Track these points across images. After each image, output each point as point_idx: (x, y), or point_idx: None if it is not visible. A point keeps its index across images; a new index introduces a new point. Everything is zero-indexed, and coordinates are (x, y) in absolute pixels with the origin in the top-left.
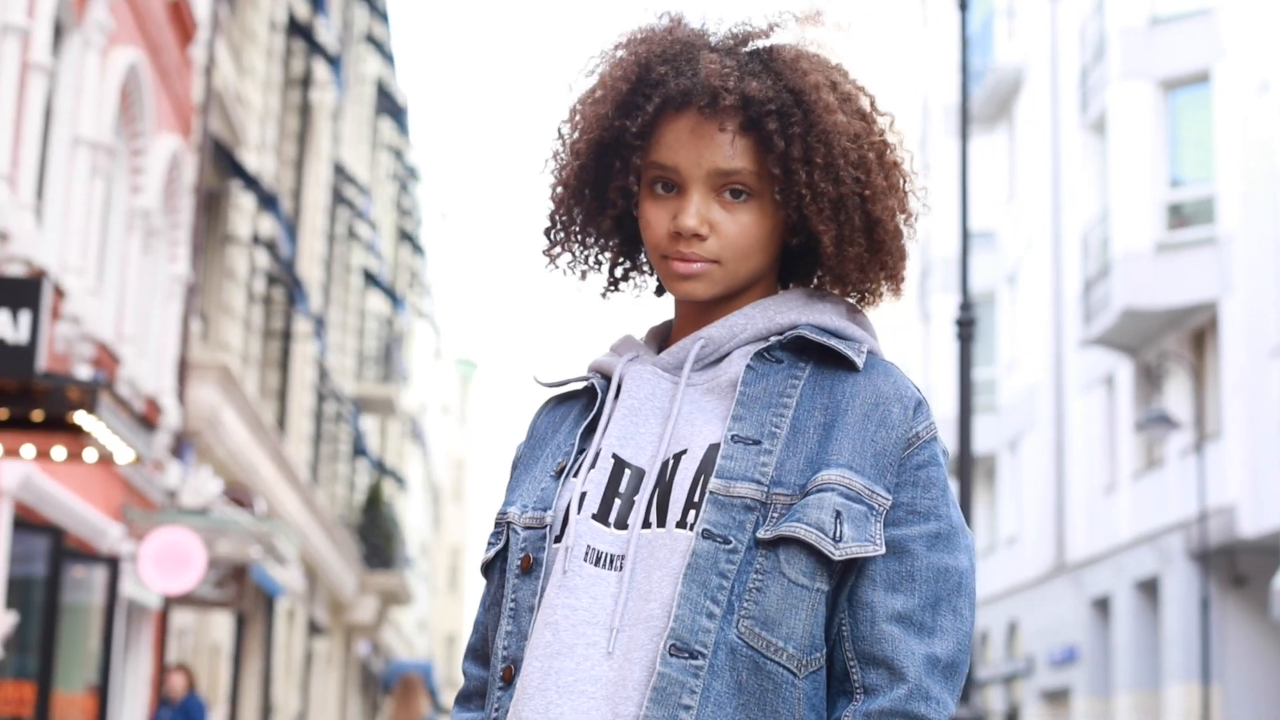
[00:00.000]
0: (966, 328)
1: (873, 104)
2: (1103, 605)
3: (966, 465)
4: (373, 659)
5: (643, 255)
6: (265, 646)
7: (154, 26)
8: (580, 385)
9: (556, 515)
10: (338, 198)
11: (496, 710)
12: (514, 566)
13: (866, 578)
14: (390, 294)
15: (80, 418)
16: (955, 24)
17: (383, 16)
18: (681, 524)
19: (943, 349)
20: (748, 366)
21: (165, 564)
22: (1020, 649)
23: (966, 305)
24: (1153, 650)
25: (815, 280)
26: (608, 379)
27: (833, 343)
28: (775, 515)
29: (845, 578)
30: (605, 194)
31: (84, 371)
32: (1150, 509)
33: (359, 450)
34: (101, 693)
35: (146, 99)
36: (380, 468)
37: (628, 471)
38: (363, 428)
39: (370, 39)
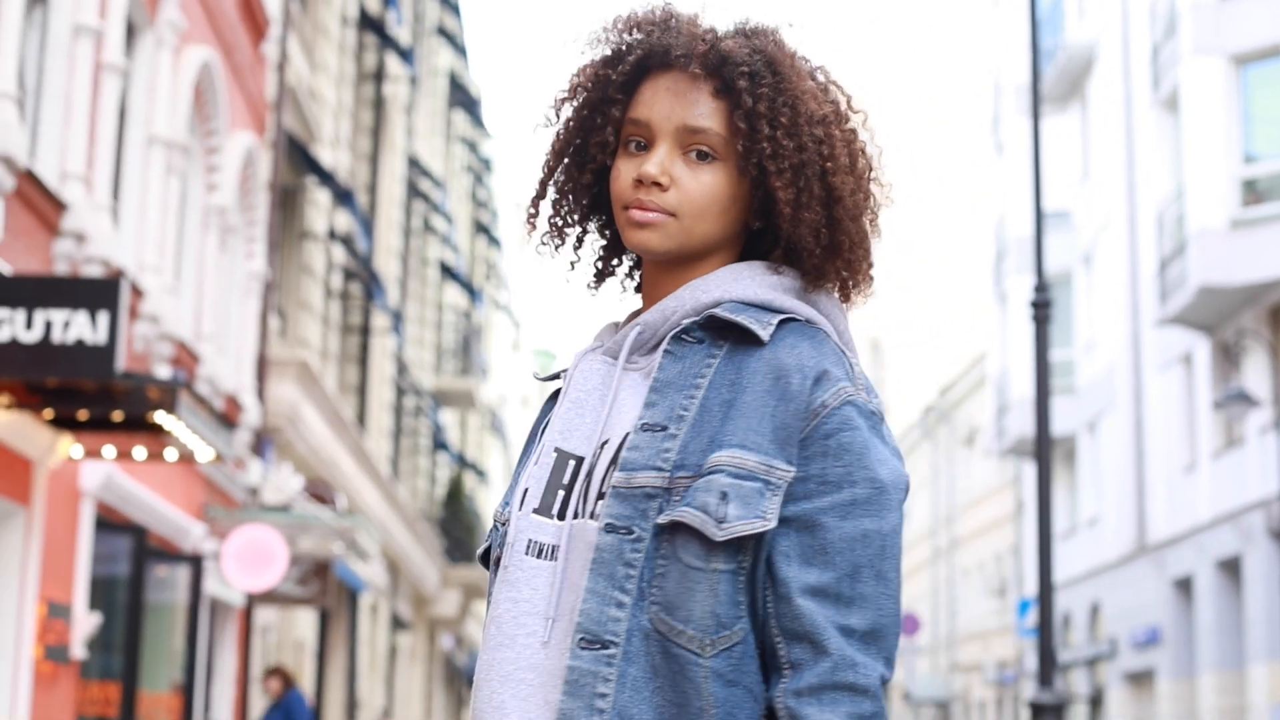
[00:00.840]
0: (1042, 309)
1: (849, 102)
2: (1185, 586)
3: (1045, 447)
4: (456, 653)
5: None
6: (349, 642)
7: (226, 24)
8: None
9: (511, 511)
10: (413, 191)
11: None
12: (493, 564)
13: (781, 554)
14: (467, 287)
15: (160, 417)
16: (1026, 3)
17: (454, 9)
18: (594, 515)
19: (1020, 331)
20: (665, 350)
21: (248, 562)
22: (1103, 631)
23: (1042, 286)
24: (1236, 630)
25: (773, 259)
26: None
27: (740, 318)
28: (676, 500)
29: (759, 554)
30: (587, 150)
31: (163, 371)
32: (1231, 487)
33: (439, 444)
34: (186, 691)
35: (220, 97)
36: (461, 461)
37: (571, 462)
38: (442, 421)
39: (442, 31)
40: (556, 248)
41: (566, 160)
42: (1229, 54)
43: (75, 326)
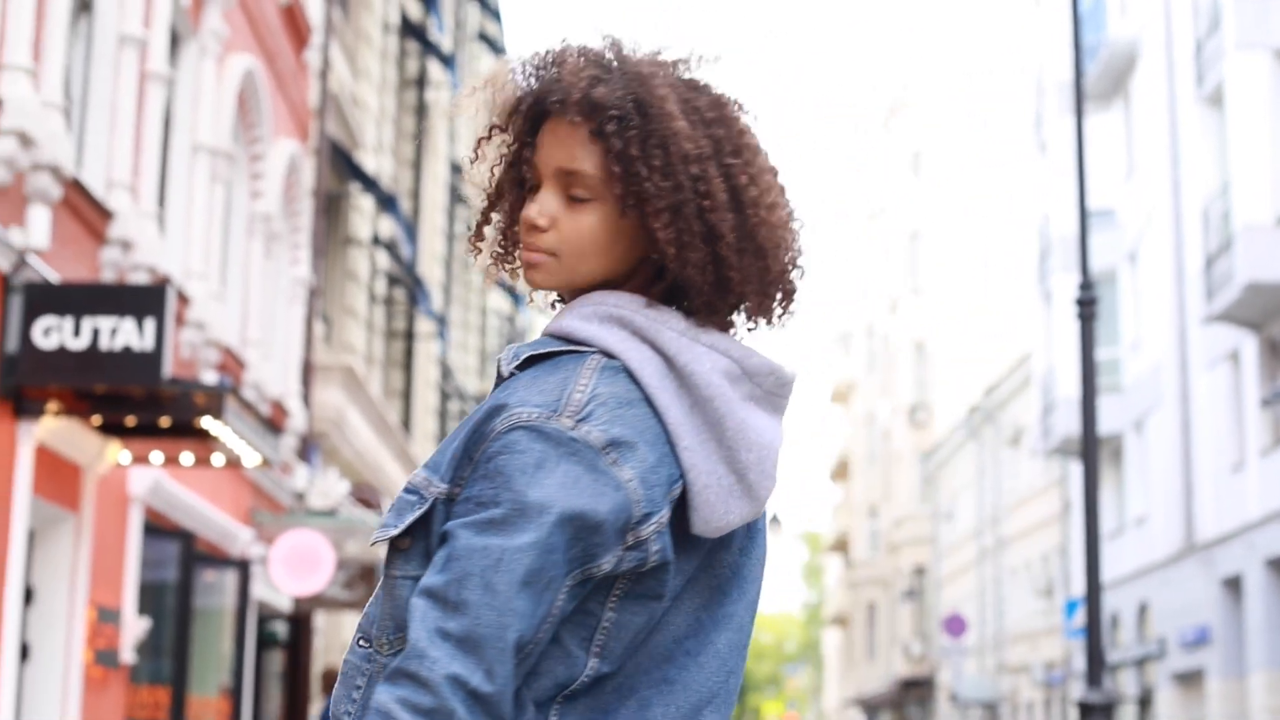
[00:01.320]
0: (1088, 306)
1: (740, 135)
2: (1234, 584)
3: (1091, 446)
4: None
5: None
6: None
7: (268, 33)
8: None
9: None
10: (456, 196)
11: None
12: None
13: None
14: (511, 291)
15: (207, 423)
16: (1067, 1)
17: (494, 14)
18: None
19: (1065, 330)
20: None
21: (295, 566)
22: (1151, 631)
23: (1087, 284)
24: None
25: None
26: None
27: (502, 355)
28: None
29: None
30: (508, 187)
31: (210, 377)
32: None
33: None
34: (235, 695)
35: (263, 104)
36: None
37: None
38: None
39: (483, 37)
40: (506, 272)
41: (497, 195)
42: (1273, 48)
43: (123, 333)
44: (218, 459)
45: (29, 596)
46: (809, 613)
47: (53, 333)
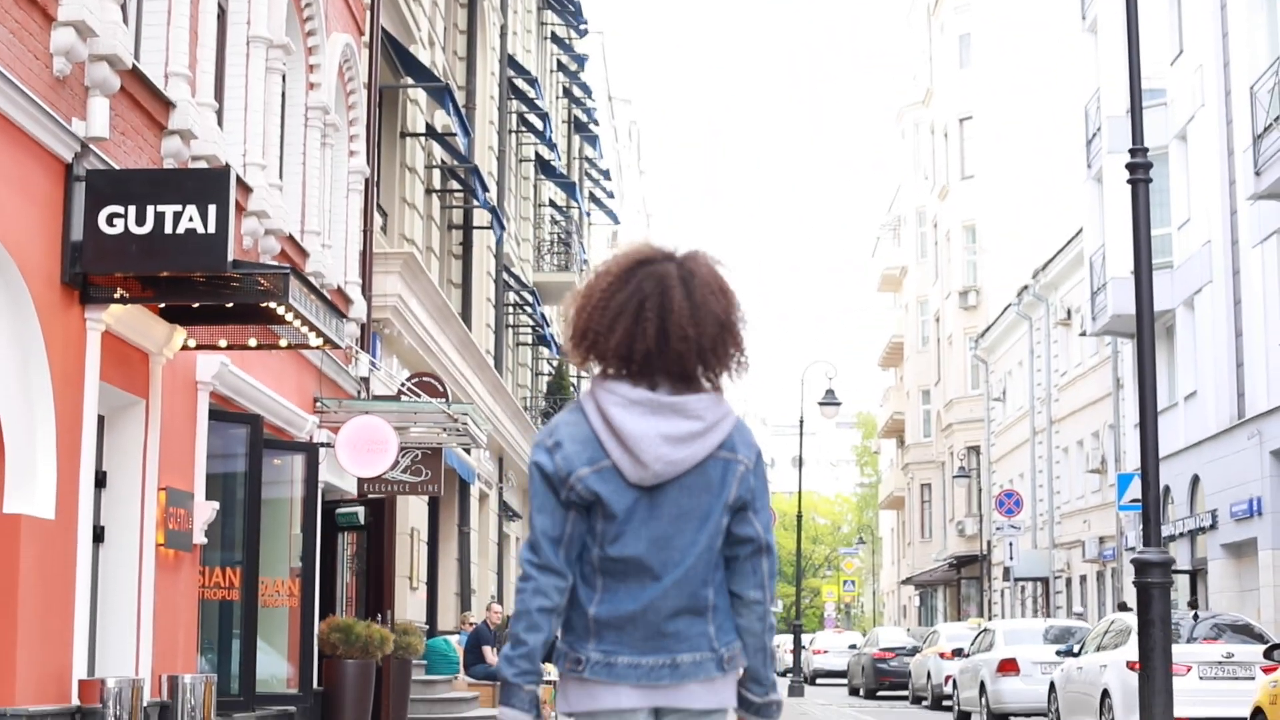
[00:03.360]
0: (1141, 170)
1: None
2: None
3: (1146, 301)
4: None
5: None
6: (461, 530)
7: None
8: None
9: None
10: (508, 89)
11: None
12: None
13: None
14: (565, 182)
15: (272, 305)
16: None
17: None
18: None
19: (1115, 208)
20: None
21: (360, 449)
22: (1202, 504)
23: (1139, 148)
24: None
25: None
26: None
27: None
28: None
29: None
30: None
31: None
32: None
33: (541, 338)
34: (305, 577)
35: None
36: (564, 353)
37: None
38: (545, 316)
39: None
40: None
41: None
42: None
43: (186, 218)
44: (283, 342)
45: (101, 481)
46: (864, 496)
47: (117, 220)
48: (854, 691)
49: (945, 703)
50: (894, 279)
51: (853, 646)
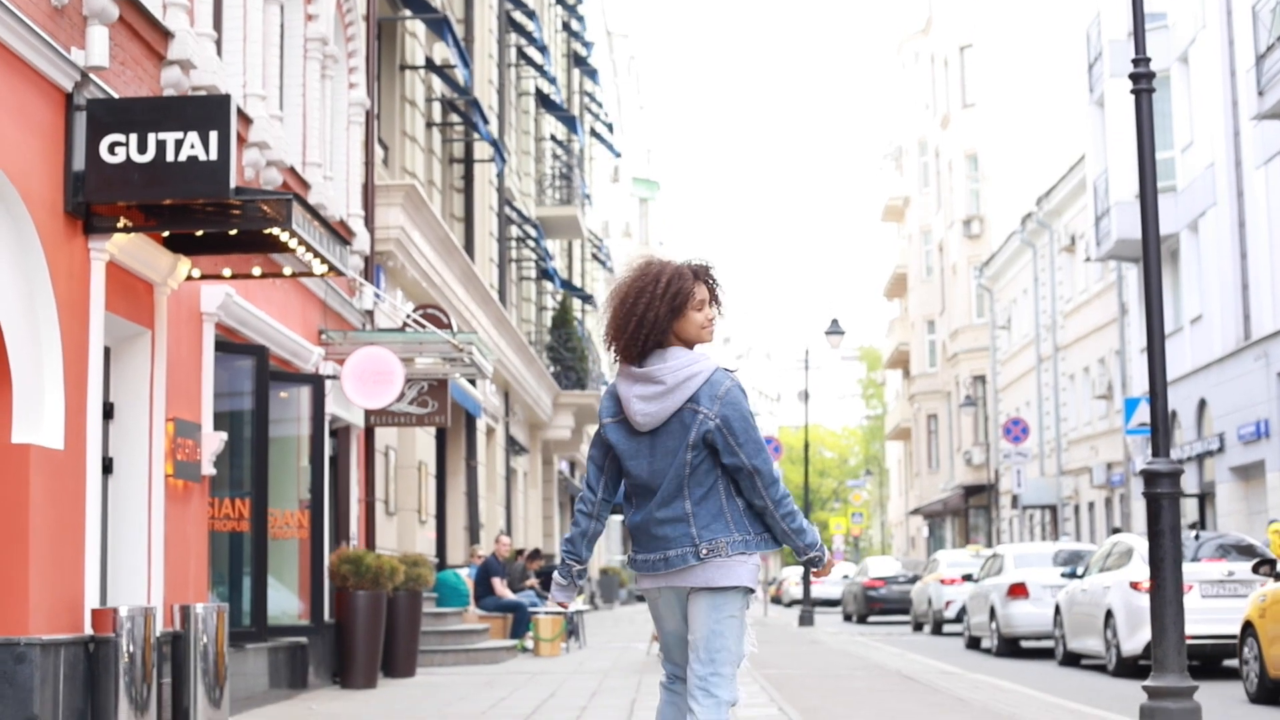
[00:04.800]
0: (1144, 80)
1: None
2: None
3: (1151, 217)
4: (571, 477)
5: None
6: (468, 464)
7: None
8: None
9: None
10: (506, 22)
11: None
12: None
13: None
14: (565, 116)
15: (275, 231)
16: None
17: None
18: None
19: (1118, 133)
20: None
21: (366, 380)
22: (1210, 427)
23: (1141, 58)
24: None
25: None
26: None
27: None
28: None
29: None
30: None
31: None
32: None
33: (545, 273)
34: (314, 509)
35: None
36: (568, 286)
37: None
38: (548, 250)
39: None
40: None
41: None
42: None
43: (187, 146)
44: (287, 270)
45: (109, 412)
46: (870, 428)
47: (118, 149)
48: (847, 618)
49: (945, 628)
50: (897, 209)
51: (845, 576)
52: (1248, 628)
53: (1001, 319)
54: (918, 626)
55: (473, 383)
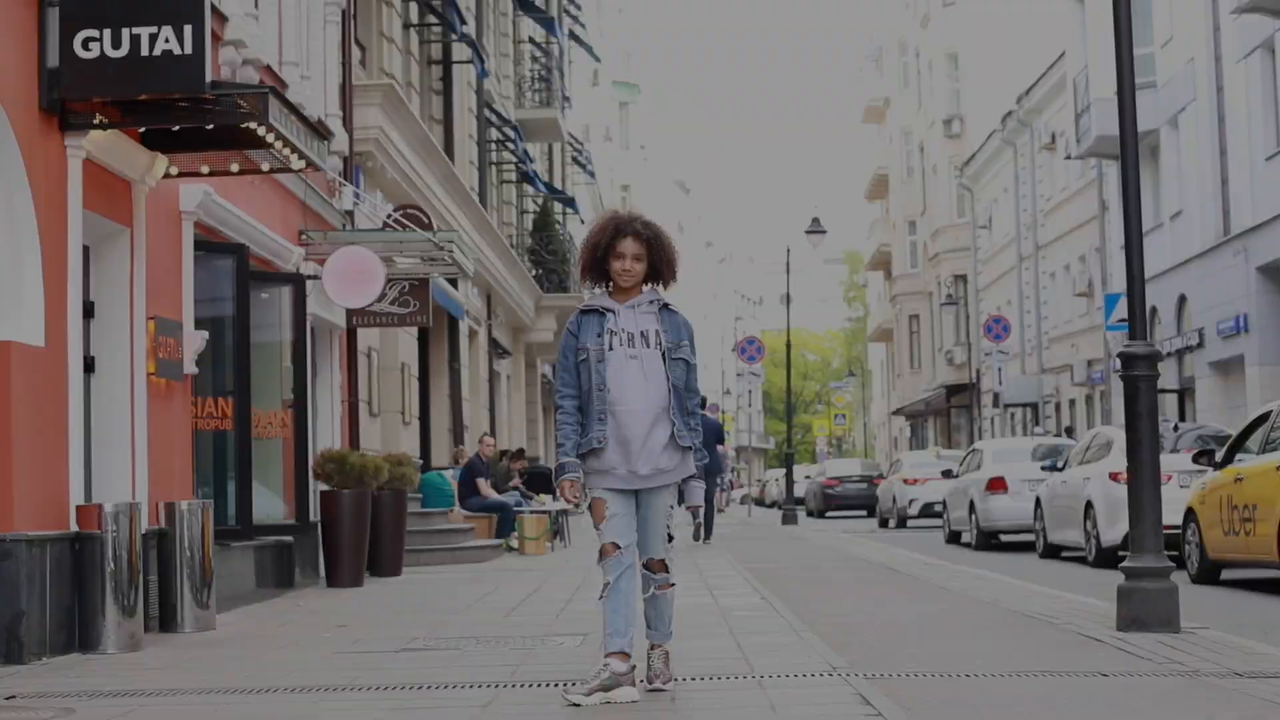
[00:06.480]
0: None
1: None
2: (1271, 272)
3: (1129, 106)
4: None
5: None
6: (451, 367)
7: None
8: None
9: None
10: None
11: None
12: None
13: None
14: (543, 18)
15: (252, 125)
16: None
17: None
18: None
19: (1098, 29)
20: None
21: (348, 279)
22: (1189, 323)
23: None
24: None
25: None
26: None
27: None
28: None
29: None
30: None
31: None
32: None
33: (525, 176)
34: (297, 408)
35: None
36: (550, 189)
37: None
38: (528, 153)
39: None
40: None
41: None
42: None
43: (162, 39)
44: (265, 166)
45: (90, 311)
46: (852, 330)
47: (92, 44)
48: (809, 513)
49: (909, 523)
50: (877, 110)
51: (807, 476)
52: (1190, 514)
53: (982, 218)
54: (883, 523)
55: (454, 284)
